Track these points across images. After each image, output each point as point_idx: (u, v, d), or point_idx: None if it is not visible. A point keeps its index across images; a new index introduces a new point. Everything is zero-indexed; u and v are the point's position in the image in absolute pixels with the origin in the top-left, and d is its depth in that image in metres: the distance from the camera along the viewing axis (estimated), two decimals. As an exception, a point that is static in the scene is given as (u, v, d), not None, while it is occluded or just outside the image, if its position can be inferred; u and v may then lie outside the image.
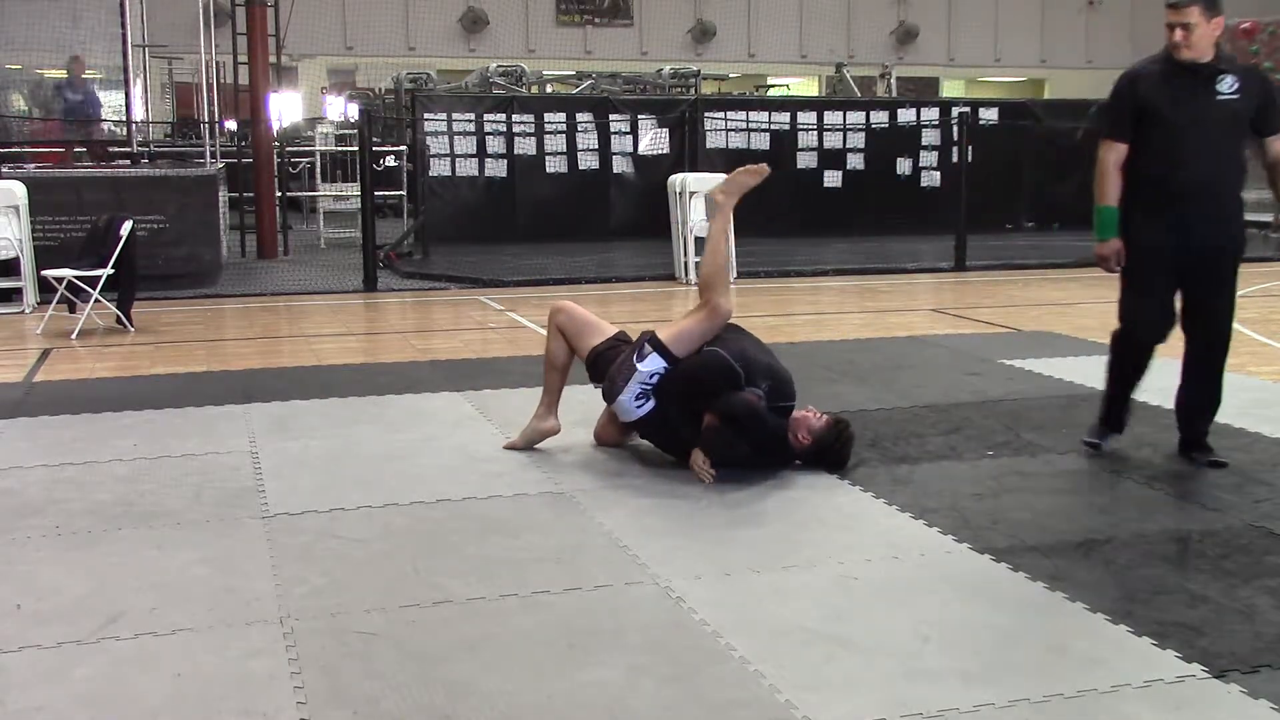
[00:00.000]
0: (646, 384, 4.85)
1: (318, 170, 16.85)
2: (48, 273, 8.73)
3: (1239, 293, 4.85)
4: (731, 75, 29.69)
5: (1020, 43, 34.01)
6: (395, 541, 3.99)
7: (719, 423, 4.66)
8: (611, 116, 15.76)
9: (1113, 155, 4.70)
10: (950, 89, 32.62)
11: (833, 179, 16.56)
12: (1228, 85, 4.57)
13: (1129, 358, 4.90)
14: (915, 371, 6.91)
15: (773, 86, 29.03)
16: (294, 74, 26.82)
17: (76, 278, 8.53)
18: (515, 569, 3.72)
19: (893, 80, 25.30)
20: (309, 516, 4.24)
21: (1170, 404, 5.04)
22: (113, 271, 8.58)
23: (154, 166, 12.24)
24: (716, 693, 2.90)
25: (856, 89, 23.32)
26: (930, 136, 16.92)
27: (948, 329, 8.72)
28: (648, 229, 13.69)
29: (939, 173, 16.77)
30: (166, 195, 10.84)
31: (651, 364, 4.86)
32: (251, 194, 13.82)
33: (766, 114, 16.51)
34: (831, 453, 4.79)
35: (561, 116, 15.66)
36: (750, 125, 16.26)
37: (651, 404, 4.87)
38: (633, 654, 3.10)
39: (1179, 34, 4.52)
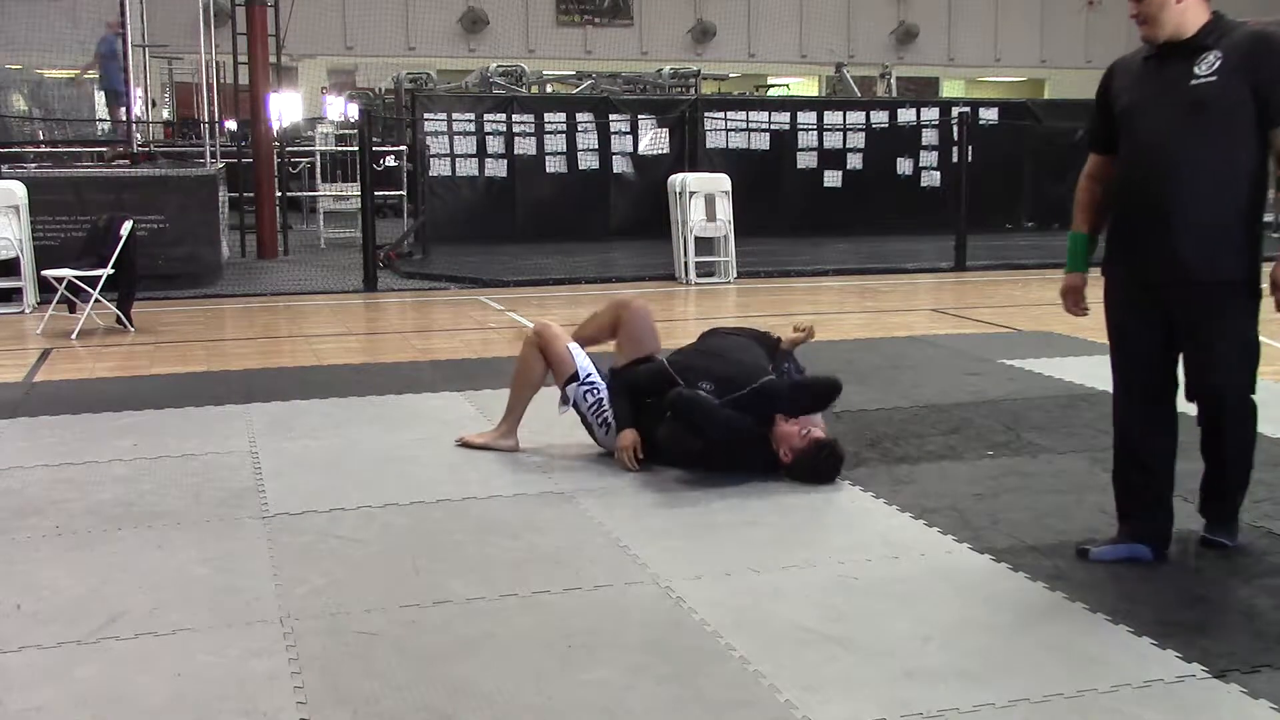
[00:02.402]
0: (599, 413, 4.97)
1: (318, 170, 16.86)
2: (48, 273, 8.73)
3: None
4: (731, 75, 29.67)
5: (1020, 43, 34.02)
6: (395, 541, 3.99)
7: (669, 419, 4.74)
8: (611, 116, 15.78)
9: (1086, 169, 3.91)
10: (950, 89, 32.62)
11: (833, 179, 16.58)
12: (1206, 65, 3.53)
13: (1116, 422, 3.92)
14: (915, 371, 6.91)
15: (773, 86, 29.05)
16: (294, 74, 26.82)
17: (76, 278, 8.53)
18: (515, 569, 3.72)
19: (893, 80, 25.31)
20: (309, 516, 4.24)
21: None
22: (113, 271, 8.58)
23: (154, 166, 12.24)
24: (716, 693, 2.89)
25: (856, 89, 23.32)
26: (930, 136, 16.94)
27: (948, 329, 8.72)
28: (648, 229, 13.70)
29: (939, 173, 16.79)
30: (166, 195, 10.84)
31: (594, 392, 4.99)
32: (251, 194, 13.82)
33: (766, 114, 16.53)
34: (811, 473, 4.63)
35: (561, 116, 15.67)
36: (750, 125, 16.27)
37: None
38: (633, 654, 3.10)
39: (1131, 7, 3.62)
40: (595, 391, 4.97)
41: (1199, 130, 3.55)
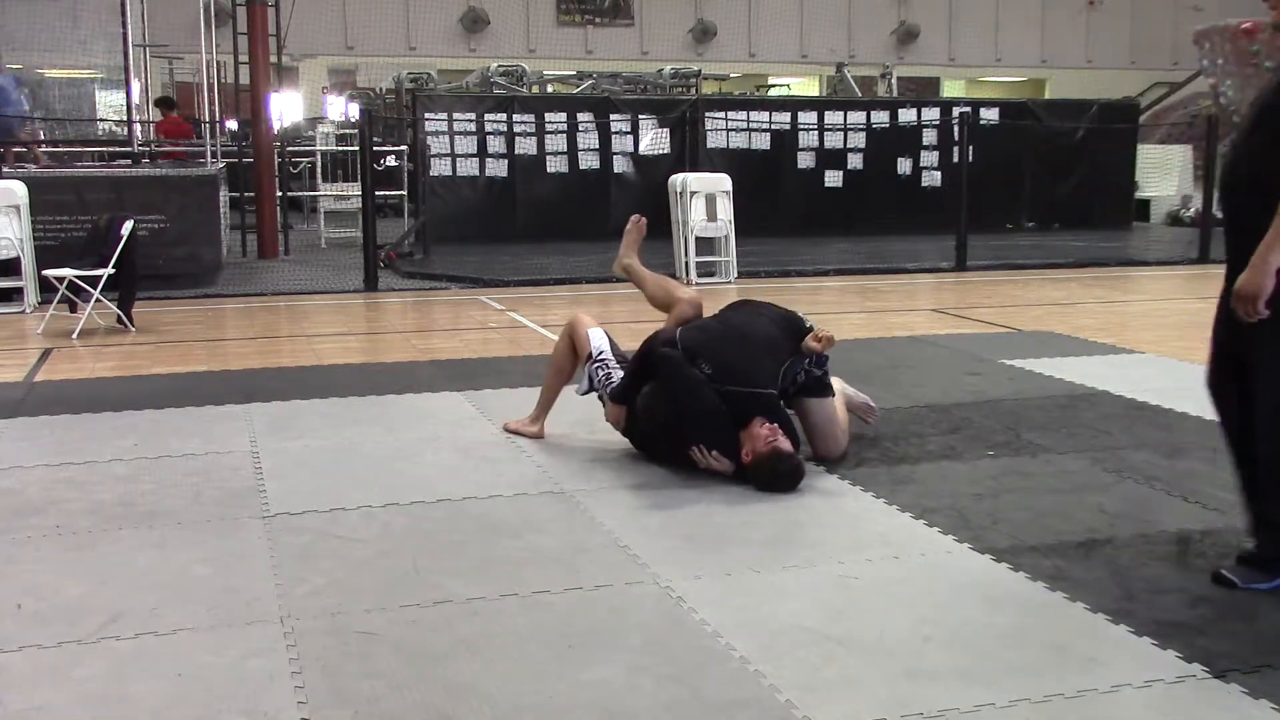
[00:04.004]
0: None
1: (318, 170, 16.85)
2: (48, 272, 8.74)
3: None
4: (732, 75, 29.68)
5: (1020, 43, 34.00)
6: (395, 541, 3.98)
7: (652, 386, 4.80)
8: (612, 116, 15.78)
9: None
10: (950, 89, 32.61)
11: (833, 179, 16.58)
12: None
13: None
14: (915, 371, 6.90)
15: (773, 86, 29.04)
16: (294, 74, 26.82)
17: (77, 277, 8.54)
18: (515, 569, 3.72)
19: (893, 80, 25.31)
20: (309, 516, 4.24)
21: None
22: (113, 271, 8.58)
23: (154, 166, 12.25)
24: (716, 693, 2.89)
25: (857, 89, 23.32)
26: (931, 136, 16.94)
27: (948, 329, 8.72)
28: (648, 229, 13.66)
29: (939, 173, 16.79)
30: (167, 195, 10.85)
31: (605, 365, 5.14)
32: (252, 194, 13.83)
33: (767, 114, 16.53)
34: (767, 480, 4.52)
35: (562, 116, 15.67)
36: (750, 125, 16.27)
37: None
38: (633, 654, 3.10)
39: None
40: (605, 366, 5.13)
41: (1255, 136, 3.30)
